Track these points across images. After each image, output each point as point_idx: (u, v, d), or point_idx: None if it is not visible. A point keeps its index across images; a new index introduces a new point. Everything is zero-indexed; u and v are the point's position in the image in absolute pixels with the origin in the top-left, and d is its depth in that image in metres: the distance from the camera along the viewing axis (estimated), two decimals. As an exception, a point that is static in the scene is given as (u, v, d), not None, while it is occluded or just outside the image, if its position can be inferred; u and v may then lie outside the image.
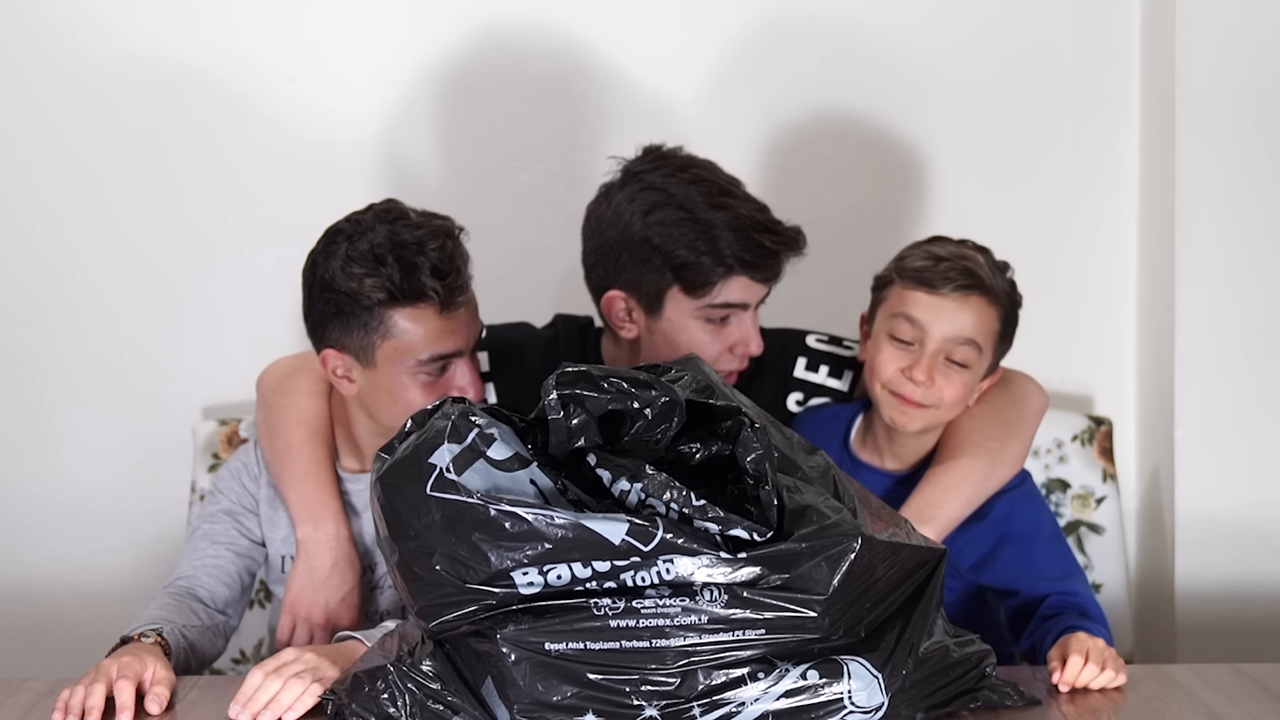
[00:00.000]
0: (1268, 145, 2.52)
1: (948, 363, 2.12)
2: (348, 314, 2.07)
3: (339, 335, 2.09)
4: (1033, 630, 2.08)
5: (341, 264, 2.06)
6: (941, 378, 2.12)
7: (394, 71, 2.74)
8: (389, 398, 2.11)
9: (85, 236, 2.75)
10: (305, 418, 2.23)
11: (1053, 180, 2.77)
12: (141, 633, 1.94)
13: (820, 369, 2.40)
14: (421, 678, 1.69)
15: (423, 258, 2.05)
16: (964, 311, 2.11)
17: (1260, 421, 2.55)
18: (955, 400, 2.14)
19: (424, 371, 2.09)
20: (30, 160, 2.75)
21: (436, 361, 2.09)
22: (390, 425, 2.10)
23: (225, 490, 2.26)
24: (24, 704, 1.86)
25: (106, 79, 2.72)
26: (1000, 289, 2.14)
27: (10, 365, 2.78)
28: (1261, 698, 1.82)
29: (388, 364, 2.09)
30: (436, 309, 2.06)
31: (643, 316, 2.27)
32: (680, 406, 1.65)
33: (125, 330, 2.77)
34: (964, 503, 2.13)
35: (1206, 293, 2.55)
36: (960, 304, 2.11)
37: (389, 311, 2.06)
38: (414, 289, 2.04)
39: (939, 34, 2.74)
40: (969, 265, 2.13)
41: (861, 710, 1.64)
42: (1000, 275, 2.16)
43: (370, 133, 2.74)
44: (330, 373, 2.13)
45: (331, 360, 2.12)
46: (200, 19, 2.72)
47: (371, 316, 2.06)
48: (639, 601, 1.61)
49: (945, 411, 2.15)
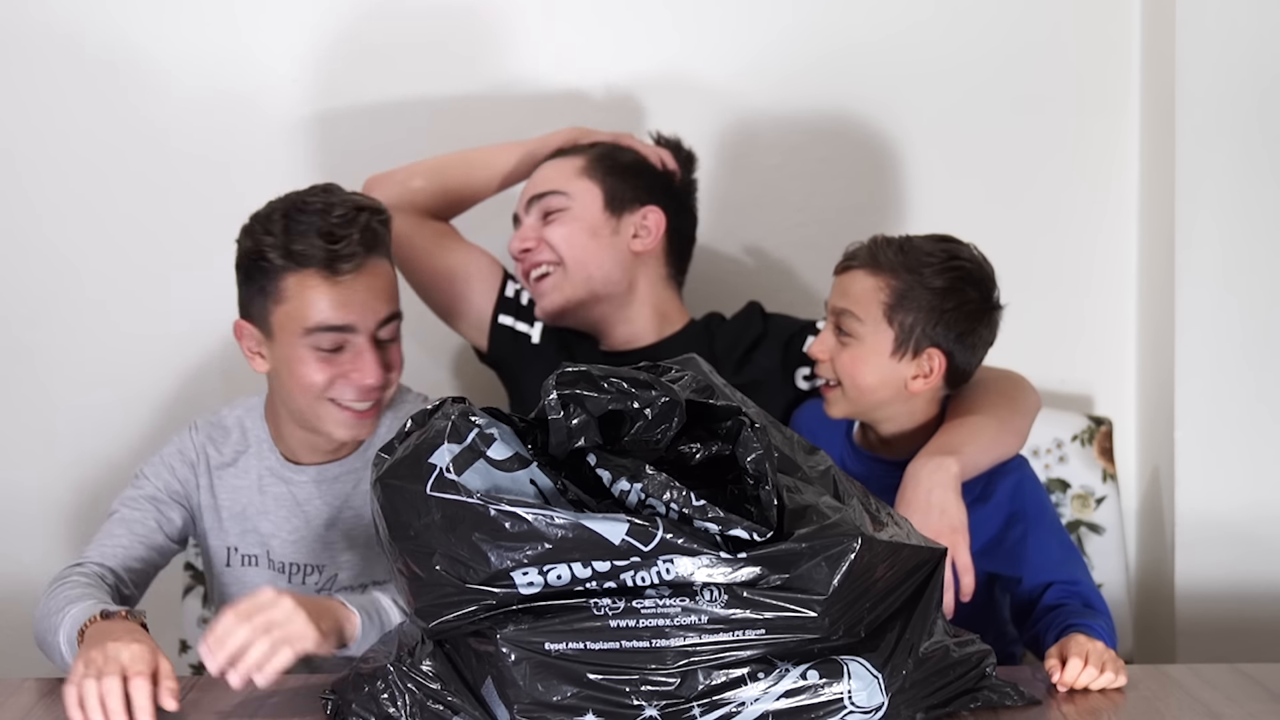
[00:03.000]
0: (1268, 145, 2.52)
1: (838, 335, 2.18)
2: (250, 279, 2.09)
3: (245, 302, 2.11)
4: (1035, 620, 2.08)
5: (246, 226, 2.09)
6: (836, 353, 2.17)
7: (394, 74, 2.74)
8: (287, 371, 2.08)
9: (87, 237, 2.75)
10: None
11: (1053, 180, 2.77)
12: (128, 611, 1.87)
13: None
14: (421, 678, 1.69)
15: (314, 220, 2.04)
16: (844, 283, 2.19)
17: (1260, 421, 2.55)
18: (851, 374, 2.17)
19: (314, 345, 2.06)
20: (33, 160, 2.75)
21: (325, 333, 2.05)
22: (294, 407, 2.11)
23: (153, 476, 2.20)
24: (24, 704, 1.86)
25: (108, 78, 2.72)
26: (890, 262, 2.16)
27: (12, 365, 2.78)
28: (1261, 698, 1.82)
29: (282, 333, 2.07)
30: (322, 275, 2.04)
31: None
32: (680, 406, 1.65)
33: (126, 330, 2.77)
34: (981, 448, 2.13)
35: (1206, 293, 2.55)
36: (841, 278, 2.21)
37: (282, 275, 2.05)
38: (298, 252, 2.03)
39: (938, 33, 2.74)
40: (861, 246, 2.20)
41: (861, 710, 1.64)
42: (904, 253, 2.17)
43: (370, 133, 2.74)
44: (245, 350, 2.13)
45: (245, 335, 2.12)
46: (203, 19, 2.72)
47: (267, 279, 2.06)
48: (639, 601, 1.61)
49: (856, 392, 2.17)
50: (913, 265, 2.16)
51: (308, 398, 2.09)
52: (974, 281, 2.18)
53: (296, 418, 2.15)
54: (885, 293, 2.15)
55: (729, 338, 2.44)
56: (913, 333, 2.15)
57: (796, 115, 2.76)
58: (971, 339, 2.18)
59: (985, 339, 2.20)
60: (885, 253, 2.17)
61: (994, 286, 2.20)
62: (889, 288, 2.15)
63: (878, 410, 2.20)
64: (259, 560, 2.19)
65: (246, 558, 2.20)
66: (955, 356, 2.17)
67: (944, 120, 2.76)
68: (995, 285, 2.20)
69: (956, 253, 2.18)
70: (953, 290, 2.15)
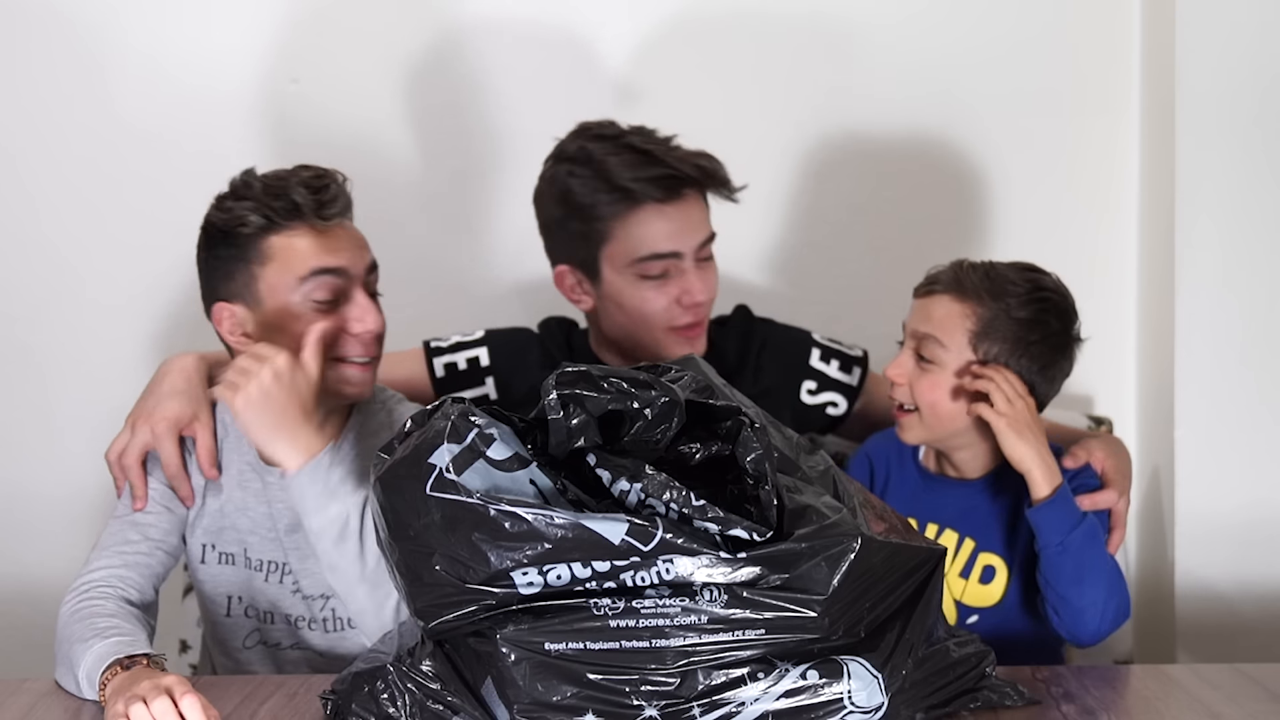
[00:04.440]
0: (1267, 145, 2.52)
1: (918, 361, 2.15)
2: (227, 255, 2.05)
3: (222, 282, 2.07)
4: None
5: (215, 205, 2.07)
6: (915, 378, 2.14)
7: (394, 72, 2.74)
8: (283, 336, 2.04)
9: (87, 237, 2.76)
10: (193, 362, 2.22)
11: (1052, 180, 2.77)
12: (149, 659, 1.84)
13: (832, 362, 2.42)
14: (421, 678, 1.69)
15: (291, 178, 2.05)
16: (926, 307, 2.16)
17: (1260, 421, 2.55)
18: (931, 400, 2.13)
19: (312, 298, 2.04)
20: (33, 160, 2.75)
21: (321, 276, 2.04)
22: None
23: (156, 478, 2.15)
24: (24, 704, 1.86)
25: (110, 77, 2.73)
26: (975, 288, 2.13)
27: (12, 365, 2.78)
28: (1261, 698, 1.82)
29: (273, 295, 2.04)
30: (310, 224, 2.03)
31: (590, 285, 2.29)
32: (680, 406, 1.65)
33: (126, 331, 2.77)
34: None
35: (1206, 293, 2.54)
36: (924, 301, 2.17)
37: (266, 237, 2.03)
38: (285, 206, 2.02)
39: (938, 34, 2.74)
40: (944, 269, 2.17)
41: (861, 710, 1.64)
42: (990, 280, 2.14)
43: (370, 134, 2.74)
44: (226, 334, 2.08)
45: (225, 317, 2.07)
46: (205, 18, 2.72)
47: (250, 247, 2.04)
48: (639, 601, 1.61)
49: (935, 419, 2.14)
50: (998, 293, 2.13)
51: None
52: (1058, 313, 2.16)
53: None
54: (971, 320, 2.13)
55: (736, 346, 2.42)
56: (996, 362, 2.13)
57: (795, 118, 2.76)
58: (1052, 371, 2.16)
59: (1065, 370, 2.19)
60: (971, 278, 2.14)
61: (1075, 318, 2.18)
62: (975, 315, 2.13)
63: (954, 438, 2.18)
64: (235, 559, 2.15)
65: (224, 555, 2.16)
66: (1036, 388, 2.15)
67: (943, 121, 2.76)
68: (1077, 317, 2.18)
69: (1041, 283, 2.16)
70: (1037, 322, 2.14)
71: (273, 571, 2.15)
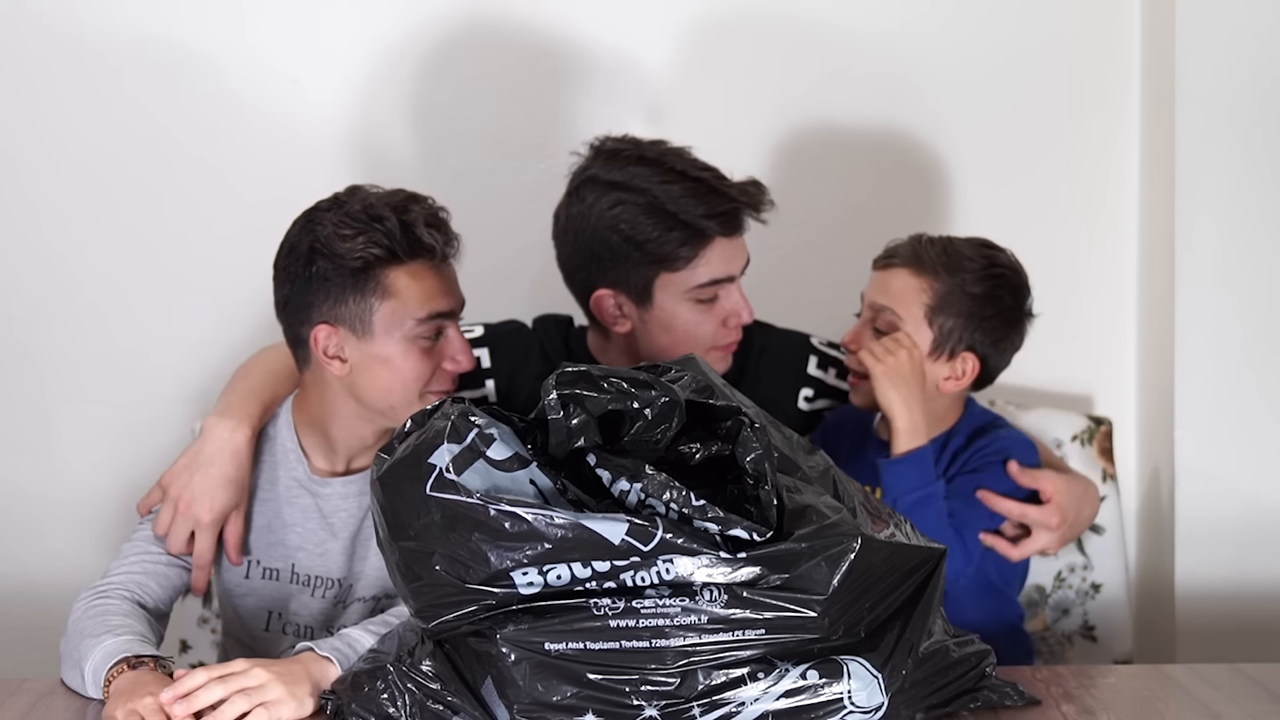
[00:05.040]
0: (1268, 145, 2.52)
1: (873, 332, 2.20)
2: (340, 281, 2.01)
3: (330, 307, 2.02)
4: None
5: (333, 228, 2.00)
6: (868, 344, 2.19)
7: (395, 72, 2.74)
8: (386, 369, 2.03)
9: (87, 237, 2.75)
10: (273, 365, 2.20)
11: (1053, 180, 2.77)
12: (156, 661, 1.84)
13: (829, 370, 2.42)
14: (421, 678, 1.69)
15: (418, 209, 2.03)
16: (884, 279, 2.21)
17: (1260, 421, 2.55)
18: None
19: (421, 335, 2.04)
20: (32, 160, 2.74)
21: (434, 321, 2.04)
22: (384, 405, 2.06)
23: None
24: (24, 704, 1.86)
25: (109, 78, 2.72)
26: (933, 263, 2.17)
27: (11, 365, 2.77)
28: (1261, 698, 1.82)
29: (386, 330, 2.02)
30: (434, 264, 2.03)
31: (634, 309, 2.28)
32: (680, 406, 1.65)
33: (126, 331, 2.77)
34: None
35: (1206, 293, 2.55)
36: (882, 273, 2.22)
37: (386, 270, 2.00)
38: (413, 242, 2.00)
39: (937, 32, 2.74)
40: (902, 243, 2.22)
41: (861, 710, 1.64)
42: (947, 255, 2.18)
43: (370, 134, 2.74)
44: (320, 354, 2.04)
45: (322, 338, 2.04)
46: (206, 19, 2.72)
47: (367, 279, 2.00)
48: (639, 601, 1.61)
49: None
50: (954, 268, 2.18)
51: (410, 393, 2.05)
52: (1012, 289, 2.22)
53: (373, 422, 2.12)
54: (928, 294, 2.18)
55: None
56: (951, 336, 2.18)
57: (795, 117, 2.76)
58: (1004, 345, 2.23)
59: (1016, 344, 2.25)
60: (929, 253, 2.19)
61: (1028, 294, 2.24)
62: (931, 290, 2.18)
63: None
64: (280, 574, 2.15)
65: (268, 571, 2.16)
66: (988, 361, 2.22)
67: (943, 120, 2.76)
68: (1029, 292, 2.24)
69: (996, 260, 2.21)
70: (992, 297, 2.19)
71: (317, 587, 2.16)
